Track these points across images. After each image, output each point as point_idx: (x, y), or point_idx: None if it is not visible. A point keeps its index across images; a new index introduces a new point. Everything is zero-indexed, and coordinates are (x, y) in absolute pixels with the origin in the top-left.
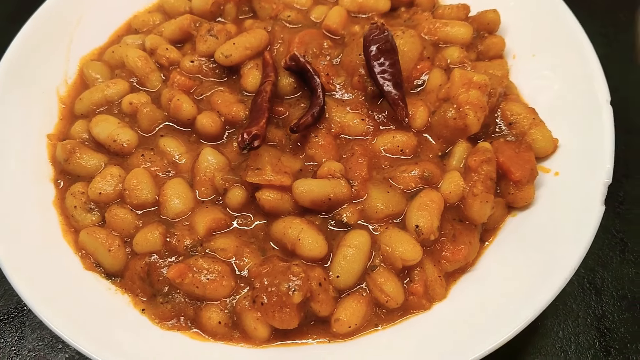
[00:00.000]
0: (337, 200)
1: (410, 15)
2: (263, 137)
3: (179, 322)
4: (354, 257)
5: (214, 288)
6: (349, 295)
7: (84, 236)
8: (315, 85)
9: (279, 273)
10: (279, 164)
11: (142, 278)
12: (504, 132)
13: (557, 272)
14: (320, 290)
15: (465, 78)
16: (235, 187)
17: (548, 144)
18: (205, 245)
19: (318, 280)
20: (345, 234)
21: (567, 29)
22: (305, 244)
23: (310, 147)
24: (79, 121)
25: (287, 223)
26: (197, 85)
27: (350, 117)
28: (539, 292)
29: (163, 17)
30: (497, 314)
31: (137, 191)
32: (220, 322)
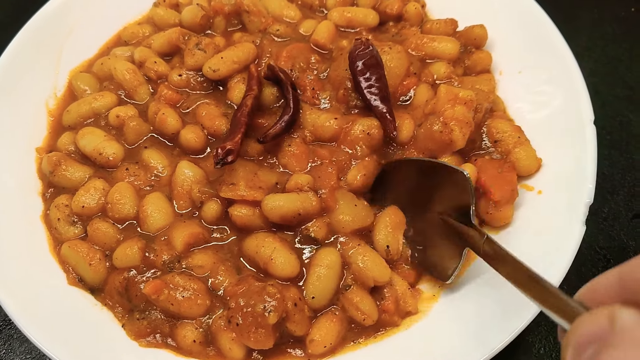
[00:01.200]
0: (307, 215)
1: (399, 30)
2: (237, 152)
3: (155, 339)
4: (327, 277)
5: (189, 306)
6: (323, 314)
7: (66, 249)
8: (287, 95)
9: (254, 293)
10: (254, 179)
11: (120, 293)
12: (490, 149)
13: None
14: (296, 310)
15: (451, 94)
16: (211, 201)
17: (532, 164)
18: (183, 262)
19: (293, 300)
20: (316, 253)
21: (553, 46)
22: (278, 263)
23: (284, 157)
24: (65, 133)
25: (259, 241)
26: (184, 99)
27: (324, 117)
28: (519, 312)
29: (152, 29)
30: (477, 333)
31: (120, 205)
32: (195, 341)
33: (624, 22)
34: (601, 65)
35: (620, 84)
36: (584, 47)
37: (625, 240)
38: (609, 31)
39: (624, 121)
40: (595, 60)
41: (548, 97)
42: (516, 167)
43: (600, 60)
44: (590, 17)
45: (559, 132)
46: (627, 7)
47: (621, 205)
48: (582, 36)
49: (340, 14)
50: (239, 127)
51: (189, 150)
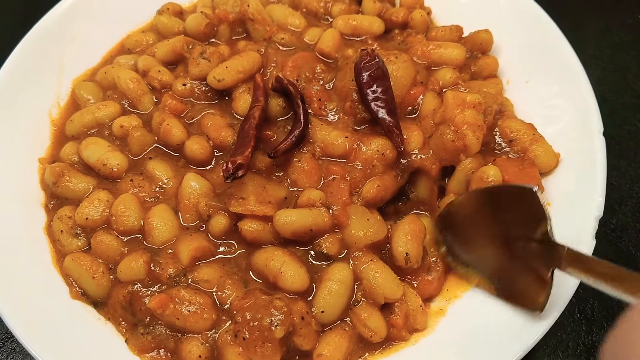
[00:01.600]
0: (319, 231)
1: (404, 37)
2: (247, 166)
3: (159, 355)
4: (339, 292)
5: (195, 320)
6: (332, 329)
7: (69, 262)
8: (297, 109)
9: (261, 307)
10: (263, 193)
11: (124, 307)
12: (505, 149)
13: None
14: (303, 324)
15: (458, 99)
16: (219, 215)
17: (550, 159)
18: (189, 276)
19: (300, 314)
20: (328, 267)
21: (561, 56)
22: (287, 277)
23: (294, 173)
24: (68, 143)
25: (269, 254)
26: (189, 109)
27: (334, 135)
28: (528, 327)
29: (156, 37)
30: (486, 349)
31: (124, 218)
32: (200, 356)
33: (631, 30)
34: (609, 73)
35: (629, 92)
36: (591, 55)
37: (634, 252)
38: (616, 39)
39: (632, 130)
40: (602, 69)
41: (557, 108)
42: (535, 163)
43: (608, 69)
44: (597, 25)
45: (568, 143)
46: (634, 15)
47: (629, 216)
48: (589, 44)
49: (345, 22)
50: (248, 140)
51: (194, 162)
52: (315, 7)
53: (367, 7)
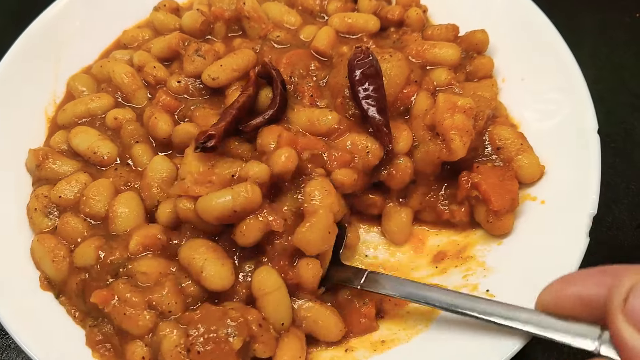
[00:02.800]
0: (244, 211)
1: (400, 35)
2: (219, 138)
3: (108, 351)
4: (284, 300)
5: (130, 324)
6: (286, 333)
7: (34, 243)
8: (275, 91)
9: (215, 319)
10: (207, 172)
11: (77, 295)
12: (492, 156)
13: None
14: (262, 331)
15: (449, 102)
16: (167, 202)
17: (534, 171)
18: (129, 264)
19: (257, 321)
20: (254, 276)
21: (556, 53)
22: (208, 276)
23: (261, 136)
24: (59, 132)
25: (192, 251)
26: (182, 106)
27: (319, 112)
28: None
29: (152, 33)
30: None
31: (93, 201)
32: (144, 357)
33: (629, 28)
34: (606, 72)
35: (625, 91)
36: (588, 54)
37: (629, 250)
38: (613, 38)
39: (629, 129)
40: (599, 67)
41: (552, 106)
42: (519, 174)
43: (605, 67)
44: (595, 23)
45: (563, 141)
46: (632, 13)
47: (625, 214)
48: (587, 43)
49: (341, 19)
50: (226, 116)
51: (182, 148)
52: (311, 5)
53: (362, 5)
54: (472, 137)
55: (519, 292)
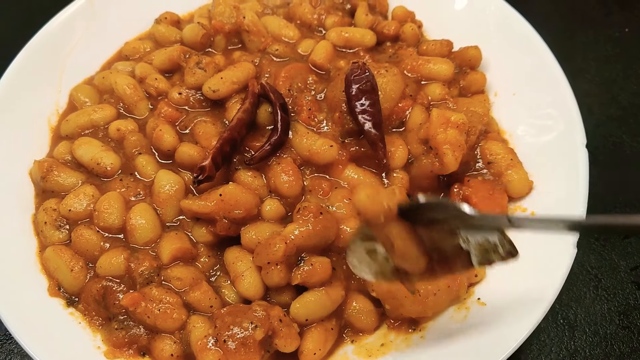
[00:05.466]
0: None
1: (395, 50)
2: (210, 168)
3: (129, 351)
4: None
5: (164, 320)
6: (312, 327)
7: (50, 253)
8: (276, 117)
9: (240, 312)
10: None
11: (97, 301)
12: (483, 170)
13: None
14: (282, 325)
15: (443, 117)
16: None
17: (523, 186)
18: (162, 274)
19: (278, 317)
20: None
21: (546, 70)
22: (245, 282)
23: (272, 177)
24: (62, 142)
25: (239, 255)
26: (184, 117)
27: (320, 143)
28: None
29: (154, 45)
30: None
31: (106, 214)
32: (172, 355)
33: (618, 43)
34: (595, 85)
35: (614, 104)
36: (578, 68)
37: (617, 260)
38: (603, 52)
39: (617, 142)
40: (589, 81)
41: (542, 121)
42: (508, 188)
43: (594, 81)
44: (585, 38)
45: (552, 155)
46: (621, 28)
47: None
48: (577, 57)
49: (338, 34)
50: (217, 141)
51: (185, 167)
52: (309, 19)
53: (359, 19)
54: (464, 152)
55: (508, 300)
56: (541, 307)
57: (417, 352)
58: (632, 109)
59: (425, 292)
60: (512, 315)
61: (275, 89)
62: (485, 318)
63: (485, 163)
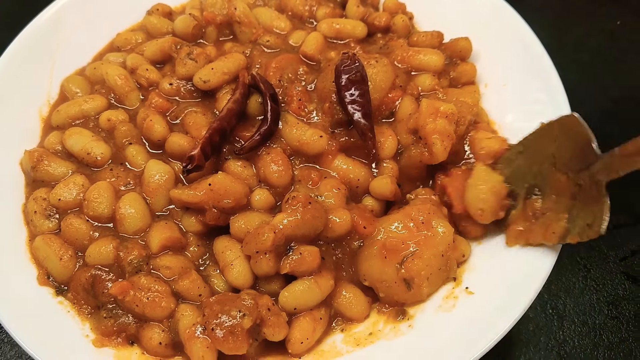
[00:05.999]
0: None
1: (386, 41)
2: (199, 157)
3: (118, 339)
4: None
5: (152, 308)
6: (300, 316)
7: (39, 242)
8: (266, 107)
9: (228, 300)
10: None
11: (86, 289)
12: (471, 160)
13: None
14: (270, 314)
15: (432, 107)
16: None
17: None
18: (151, 263)
19: (266, 306)
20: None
21: (536, 61)
22: (234, 271)
23: (261, 166)
24: (53, 132)
25: (228, 244)
26: (174, 107)
27: (310, 133)
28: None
29: (145, 37)
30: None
31: (95, 203)
32: (161, 343)
33: (610, 36)
34: (586, 77)
35: (605, 97)
36: (570, 59)
37: (606, 251)
38: (595, 44)
39: (607, 134)
40: (581, 73)
41: (531, 111)
42: None
43: (586, 73)
44: (577, 30)
45: None
46: (614, 21)
47: None
48: (569, 49)
49: (329, 25)
50: (207, 131)
51: (175, 157)
52: (301, 11)
53: (350, 11)
54: (453, 142)
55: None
56: (528, 296)
57: (405, 341)
58: (622, 102)
59: (419, 280)
60: (499, 304)
61: (265, 79)
62: (473, 307)
63: (474, 153)
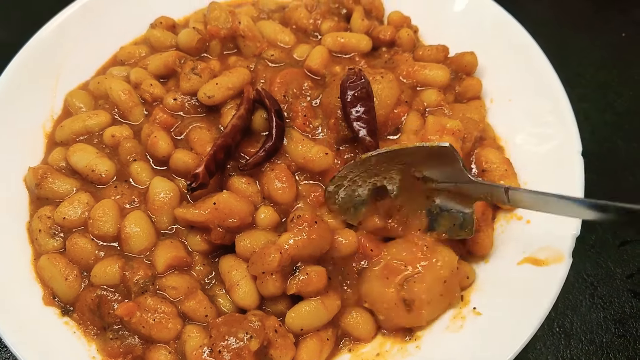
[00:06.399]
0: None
1: (391, 55)
2: (204, 175)
3: None
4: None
5: (159, 330)
6: (307, 338)
7: (44, 261)
8: (271, 123)
9: (235, 322)
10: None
11: (92, 310)
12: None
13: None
14: (277, 336)
15: (438, 124)
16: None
17: None
18: (157, 283)
19: (273, 327)
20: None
21: (542, 76)
22: (240, 292)
23: (265, 183)
24: (57, 149)
25: (234, 264)
26: (179, 123)
27: (315, 150)
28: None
29: (149, 50)
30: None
31: (101, 222)
32: None
33: (615, 48)
34: (591, 91)
35: (609, 110)
36: (574, 73)
37: (612, 268)
38: (599, 57)
39: (612, 147)
40: (585, 86)
41: (538, 127)
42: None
43: (590, 86)
44: (582, 43)
45: (548, 162)
46: (618, 33)
47: (608, 232)
48: (573, 62)
49: (333, 39)
50: (211, 148)
51: (179, 174)
52: (305, 24)
53: (355, 24)
54: None
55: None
56: (537, 317)
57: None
58: (627, 115)
59: (420, 303)
60: (508, 325)
61: (270, 94)
62: (481, 328)
63: (480, 170)
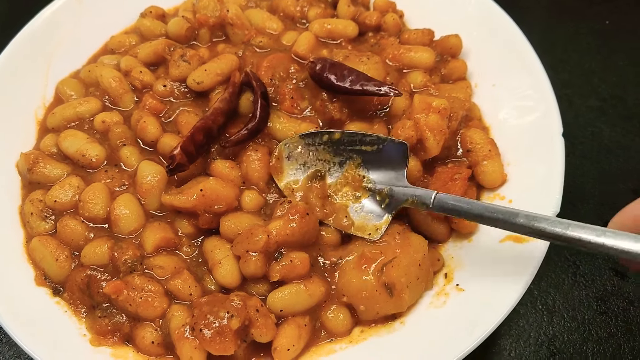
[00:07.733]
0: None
1: (377, 40)
2: (181, 156)
3: (114, 338)
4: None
5: (146, 307)
6: (287, 321)
7: (35, 243)
8: (255, 104)
9: (217, 301)
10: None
11: (81, 289)
12: (462, 158)
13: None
14: (259, 315)
15: (424, 103)
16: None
17: (496, 178)
18: (145, 262)
19: (255, 307)
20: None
21: (525, 61)
22: (222, 270)
23: (244, 162)
24: (48, 135)
25: (217, 243)
26: (168, 108)
27: (304, 127)
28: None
29: (139, 39)
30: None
31: (91, 205)
32: (153, 342)
33: (599, 35)
34: (575, 76)
35: (593, 95)
36: (559, 59)
37: None
38: (584, 44)
39: (596, 132)
40: (569, 72)
41: (520, 111)
42: (481, 179)
43: (575, 72)
44: (567, 30)
45: (530, 143)
46: (602, 21)
47: (592, 214)
48: (558, 48)
49: (320, 25)
50: (190, 130)
51: (166, 157)
52: (292, 12)
53: (341, 11)
54: (446, 137)
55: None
56: (517, 292)
57: (397, 337)
58: (611, 100)
59: (400, 286)
60: (489, 298)
61: (258, 78)
62: (463, 303)
63: (465, 150)
